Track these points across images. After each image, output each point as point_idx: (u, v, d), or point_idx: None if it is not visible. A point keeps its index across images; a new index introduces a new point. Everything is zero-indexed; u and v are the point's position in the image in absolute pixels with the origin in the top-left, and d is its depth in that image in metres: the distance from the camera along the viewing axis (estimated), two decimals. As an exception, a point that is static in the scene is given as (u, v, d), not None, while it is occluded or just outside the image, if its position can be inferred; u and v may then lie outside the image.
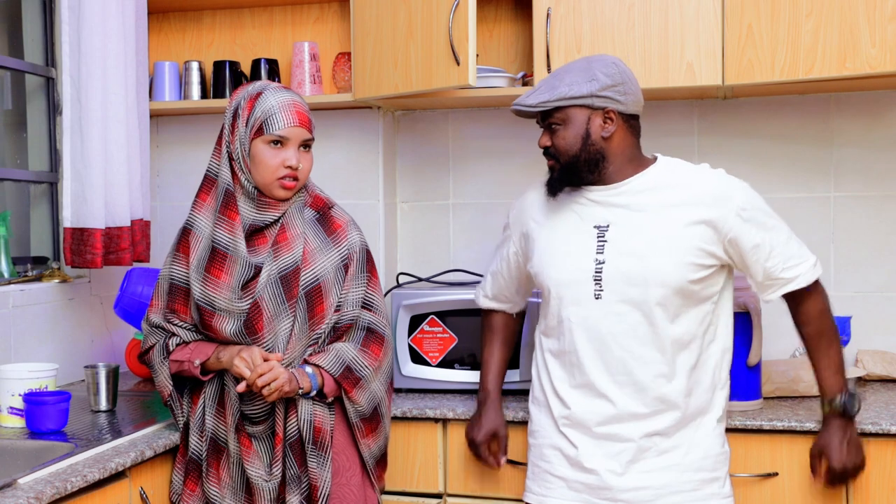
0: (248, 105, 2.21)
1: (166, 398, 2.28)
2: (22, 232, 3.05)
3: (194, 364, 2.21)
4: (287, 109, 2.19)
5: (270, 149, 2.19)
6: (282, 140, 2.19)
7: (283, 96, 2.21)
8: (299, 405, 2.19)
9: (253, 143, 2.19)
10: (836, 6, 2.54)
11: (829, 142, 2.98)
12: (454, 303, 2.78)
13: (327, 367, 2.20)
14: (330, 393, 2.22)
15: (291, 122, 2.19)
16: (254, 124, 2.19)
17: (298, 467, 2.20)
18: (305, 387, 2.18)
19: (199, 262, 2.21)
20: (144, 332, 2.35)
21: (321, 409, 2.22)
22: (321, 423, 2.22)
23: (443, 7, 2.62)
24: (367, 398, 2.25)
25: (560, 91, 2.13)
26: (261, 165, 2.19)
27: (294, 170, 2.20)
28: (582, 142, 2.15)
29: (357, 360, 2.24)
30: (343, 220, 2.32)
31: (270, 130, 2.18)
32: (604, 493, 2.16)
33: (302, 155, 2.22)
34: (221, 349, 2.21)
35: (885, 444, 2.32)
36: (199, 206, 2.25)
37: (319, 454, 2.20)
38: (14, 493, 1.80)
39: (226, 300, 2.18)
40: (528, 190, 2.35)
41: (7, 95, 3.11)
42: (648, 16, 2.71)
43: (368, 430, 2.27)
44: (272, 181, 2.19)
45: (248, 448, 2.20)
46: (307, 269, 2.23)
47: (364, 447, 2.28)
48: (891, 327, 2.93)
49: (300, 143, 2.21)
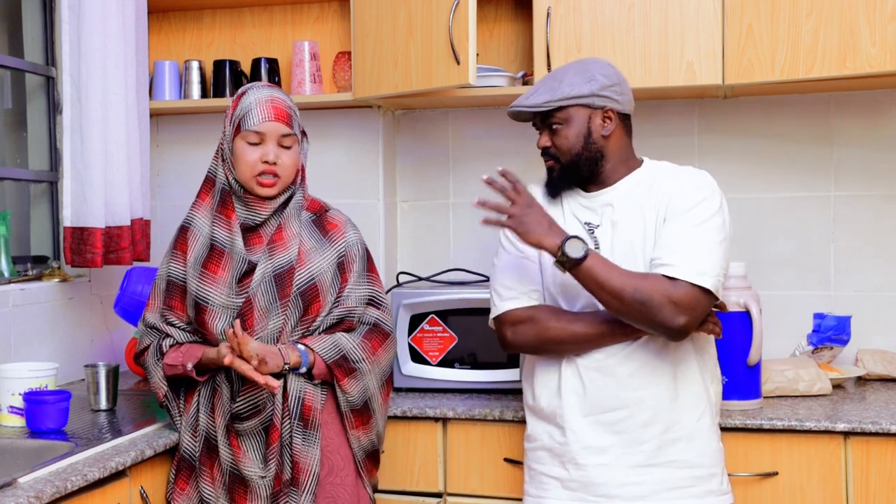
0: (234, 104, 2.24)
1: (161, 399, 2.28)
2: (22, 231, 3.05)
3: (187, 368, 2.21)
4: (262, 105, 2.19)
5: (249, 146, 2.20)
6: (259, 136, 2.19)
7: (262, 93, 2.22)
8: (290, 382, 2.19)
9: (234, 141, 2.21)
10: (836, 6, 2.54)
11: (829, 141, 2.98)
12: (454, 302, 2.78)
13: (321, 352, 2.21)
14: (318, 375, 2.22)
15: (266, 116, 2.19)
16: (234, 122, 2.21)
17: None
18: (292, 361, 2.17)
19: (197, 259, 2.22)
20: (140, 333, 2.35)
21: (312, 388, 2.23)
22: (311, 401, 2.22)
23: (443, 6, 2.62)
24: (359, 390, 2.25)
25: (561, 91, 2.15)
26: (240, 162, 2.20)
27: (271, 165, 2.19)
28: (584, 140, 2.17)
29: (354, 351, 2.24)
30: (339, 221, 2.34)
31: (246, 126, 2.19)
32: (599, 489, 2.16)
33: (281, 151, 2.21)
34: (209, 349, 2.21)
35: (885, 444, 2.32)
36: (198, 206, 2.28)
37: (307, 432, 2.20)
38: (14, 493, 1.80)
39: (222, 295, 2.19)
40: (532, 189, 2.33)
41: (7, 95, 3.10)
42: (648, 15, 2.71)
43: (359, 422, 2.28)
44: (251, 178, 2.20)
45: (237, 448, 2.19)
46: (302, 269, 2.23)
47: (353, 438, 2.28)
48: (891, 327, 2.93)
49: (278, 138, 2.20)
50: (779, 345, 2.89)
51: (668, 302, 2.02)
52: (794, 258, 3.00)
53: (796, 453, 2.38)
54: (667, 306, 2.02)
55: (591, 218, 2.20)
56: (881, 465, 2.33)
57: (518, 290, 2.22)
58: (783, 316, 2.93)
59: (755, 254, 2.96)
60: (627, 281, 2.04)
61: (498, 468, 2.57)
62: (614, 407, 2.14)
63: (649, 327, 2.07)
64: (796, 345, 2.89)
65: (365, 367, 2.25)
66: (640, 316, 2.05)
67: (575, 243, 2.05)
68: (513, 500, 2.52)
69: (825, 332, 2.81)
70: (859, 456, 2.34)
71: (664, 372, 2.14)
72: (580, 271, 2.06)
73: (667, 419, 2.14)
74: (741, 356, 2.48)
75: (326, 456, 2.24)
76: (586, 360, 2.16)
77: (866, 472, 2.33)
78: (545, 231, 2.08)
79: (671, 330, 2.05)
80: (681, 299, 2.03)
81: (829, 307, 2.94)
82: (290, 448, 2.19)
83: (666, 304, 2.02)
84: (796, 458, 2.38)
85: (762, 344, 2.50)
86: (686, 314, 2.03)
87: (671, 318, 2.03)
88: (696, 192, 2.14)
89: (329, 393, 2.26)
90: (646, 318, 2.04)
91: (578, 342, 2.15)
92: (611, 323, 2.12)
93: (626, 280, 2.04)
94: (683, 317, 2.03)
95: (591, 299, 2.15)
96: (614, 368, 2.14)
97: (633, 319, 2.07)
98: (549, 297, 2.22)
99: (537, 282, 2.22)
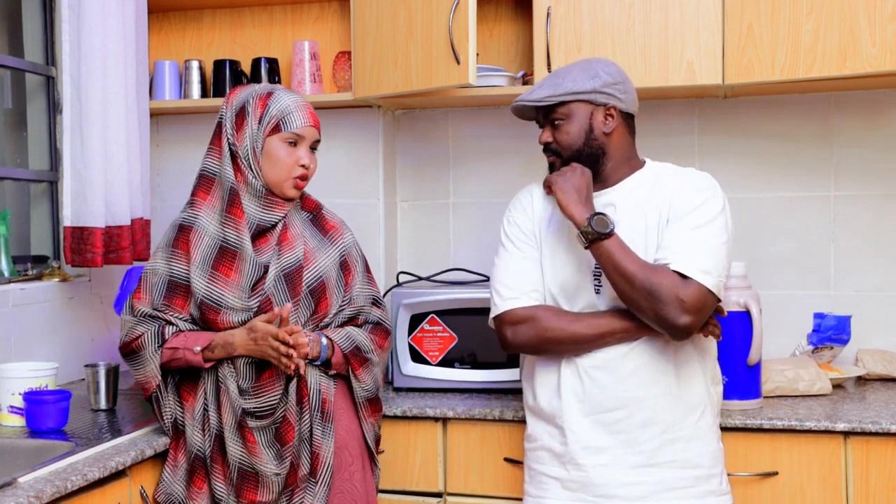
0: (261, 104, 2.24)
1: (151, 391, 2.24)
2: (22, 231, 3.05)
3: (193, 350, 2.19)
4: (303, 109, 2.25)
5: (286, 147, 2.23)
6: (297, 138, 2.23)
7: (296, 97, 2.28)
8: (308, 375, 2.23)
9: (267, 140, 2.22)
10: (836, 6, 2.54)
11: (829, 141, 2.98)
12: (454, 302, 2.78)
13: (339, 342, 2.26)
14: (335, 365, 2.26)
15: (308, 121, 2.25)
16: (269, 122, 2.22)
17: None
18: (314, 353, 2.22)
19: (205, 260, 2.21)
20: (129, 324, 2.28)
21: (326, 380, 2.26)
22: (326, 393, 2.26)
23: (443, 6, 2.62)
24: (372, 379, 2.32)
25: (565, 86, 2.17)
26: (277, 164, 2.22)
27: (307, 169, 2.25)
28: (585, 136, 2.18)
29: (366, 344, 2.30)
30: (335, 221, 2.39)
31: (289, 128, 2.22)
32: (599, 489, 2.16)
33: (311, 156, 2.27)
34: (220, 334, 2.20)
35: (885, 444, 2.33)
36: (199, 205, 2.26)
37: (324, 424, 2.24)
38: (14, 492, 1.80)
39: (236, 298, 2.19)
40: (530, 190, 2.32)
41: (7, 94, 3.10)
42: (649, 15, 2.71)
43: (372, 409, 2.34)
44: (286, 179, 2.23)
45: (253, 443, 2.19)
46: (309, 268, 2.26)
47: (367, 426, 2.33)
48: (891, 326, 2.93)
49: (311, 143, 2.27)
50: (779, 345, 2.89)
51: (675, 298, 2.03)
52: (794, 258, 3.00)
53: (796, 453, 2.38)
54: (674, 302, 2.03)
55: None
56: (881, 465, 2.33)
57: (518, 289, 2.21)
58: (783, 316, 2.93)
59: (755, 254, 2.96)
60: (642, 268, 2.06)
61: (498, 468, 2.57)
62: (614, 407, 2.14)
63: (654, 321, 2.07)
64: (796, 345, 2.89)
65: (375, 359, 2.32)
66: (646, 305, 2.05)
67: (603, 219, 2.08)
68: (513, 500, 2.52)
69: (825, 331, 2.81)
70: (859, 456, 2.34)
71: (665, 372, 2.14)
72: (599, 248, 2.08)
73: (667, 419, 2.14)
74: (741, 356, 2.48)
75: (335, 453, 2.26)
76: (586, 360, 2.16)
77: (866, 472, 2.33)
78: (579, 200, 2.12)
79: (675, 328, 2.05)
80: (688, 298, 2.03)
81: (829, 307, 2.94)
82: (310, 442, 2.22)
83: (673, 300, 2.03)
84: (796, 457, 2.38)
85: (762, 344, 2.50)
86: (691, 314, 2.04)
87: (676, 315, 2.03)
88: (699, 193, 2.14)
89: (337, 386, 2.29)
90: (651, 310, 2.05)
91: (578, 343, 2.15)
92: (611, 324, 2.13)
93: (640, 267, 2.06)
94: (688, 316, 2.04)
95: (591, 300, 2.16)
96: (615, 369, 2.14)
97: (639, 309, 2.07)
98: (549, 297, 2.21)
99: (538, 281, 2.22)
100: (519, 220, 2.28)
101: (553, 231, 2.24)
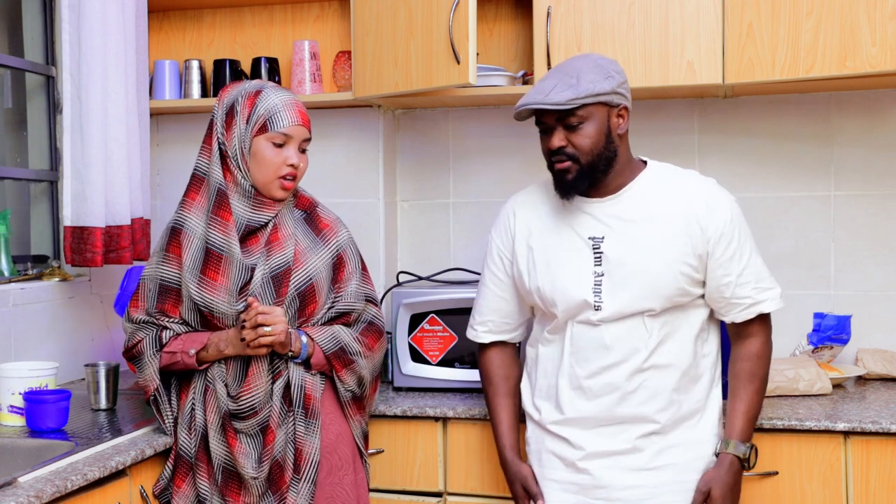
0: (249, 103, 2.22)
1: (151, 393, 2.26)
2: (22, 230, 3.05)
3: (189, 353, 2.21)
4: (291, 108, 2.21)
5: (273, 147, 2.20)
6: (285, 138, 2.20)
7: (285, 95, 2.24)
8: (290, 371, 2.21)
9: (255, 140, 2.20)
10: (836, 5, 2.54)
11: (829, 141, 2.98)
12: (454, 301, 2.78)
13: (321, 342, 2.24)
14: (315, 365, 2.24)
15: (295, 120, 2.21)
16: (256, 121, 2.20)
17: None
18: (295, 349, 2.20)
19: (194, 264, 2.21)
20: (129, 330, 2.32)
21: (311, 377, 2.24)
22: (311, 389, 2.24)
23: (443, 6, 2.62)
24: (356, 380, 2.30)
25: (584, 88, 2.07)
26: (263, 163, 2.20)
27: (295, 168, 2.21)
28: (605, 139, 2.12)
29: (352, 345, 2.28)
30: (330, 219, 2.35)
31: (275, 128, 2.19)
32: (599, 492, 2.16)
33: (300, 155, 2.24)
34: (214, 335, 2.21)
35: (885, 444, 2.33)
36: (188, 206, 2.25)
37: (309, 421, 2.22)
38: (14, 492, 1.80)
39: (224, 303, 2.19)
40: (514, 206, 2.31)
41: (7, 94, 3.10)
42: (649, 14, 2.71)
43: (357, 407, 2.33)
44: (273, 180, 2.21)
45: (235, 444, 2.19)
46: (299, 269, 2.24)
47: (355, 424, 2.33)
48: (891, 326, 2.93)
49: (300, 142, 2.23)
50: (779, 344, 2.86)
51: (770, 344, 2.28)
52: (794, 258, 3.00)
53: (796, 453, 2.38)
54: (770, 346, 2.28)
55: (596, 230, 2.17)
56: (881, 464, 2.33)
57: (481, 322, 2.35)
58: (783, 315, 2.91)
59: (755, 253, 2.96)
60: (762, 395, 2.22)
61: (498, 468, 2.56)
62: (615, 411, 2.14)
63: None
64: (796, 344, 2.89)
65: (361, 362, 2.29)
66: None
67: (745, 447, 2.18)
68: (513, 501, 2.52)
69: (825, 331, 2.81)
70: (859, 455, 2.34)
71: (668, 378, 2.14)
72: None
73: (668, 423, 2.14)
74: (741, 356, 2.48)
75: (325, 456, 2.25)
76: (586, 367, 2.16)
77: (866, 471, 2.33)
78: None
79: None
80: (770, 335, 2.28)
81: (829, 307, 2.94)
82: (293, 440, 2.20)
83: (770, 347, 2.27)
84: (796, 457, 2.38)
85: (762, 343, 2.50)
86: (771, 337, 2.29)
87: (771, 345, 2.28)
88: (724, 213, 2.16)
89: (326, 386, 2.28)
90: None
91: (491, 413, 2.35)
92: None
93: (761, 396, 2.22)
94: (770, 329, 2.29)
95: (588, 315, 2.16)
96: (615, 375, 2.14)
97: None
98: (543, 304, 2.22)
99: (511, 314, 2.32)
100: (497, 241, 2.32)
101: (547, 236, 2.22)
